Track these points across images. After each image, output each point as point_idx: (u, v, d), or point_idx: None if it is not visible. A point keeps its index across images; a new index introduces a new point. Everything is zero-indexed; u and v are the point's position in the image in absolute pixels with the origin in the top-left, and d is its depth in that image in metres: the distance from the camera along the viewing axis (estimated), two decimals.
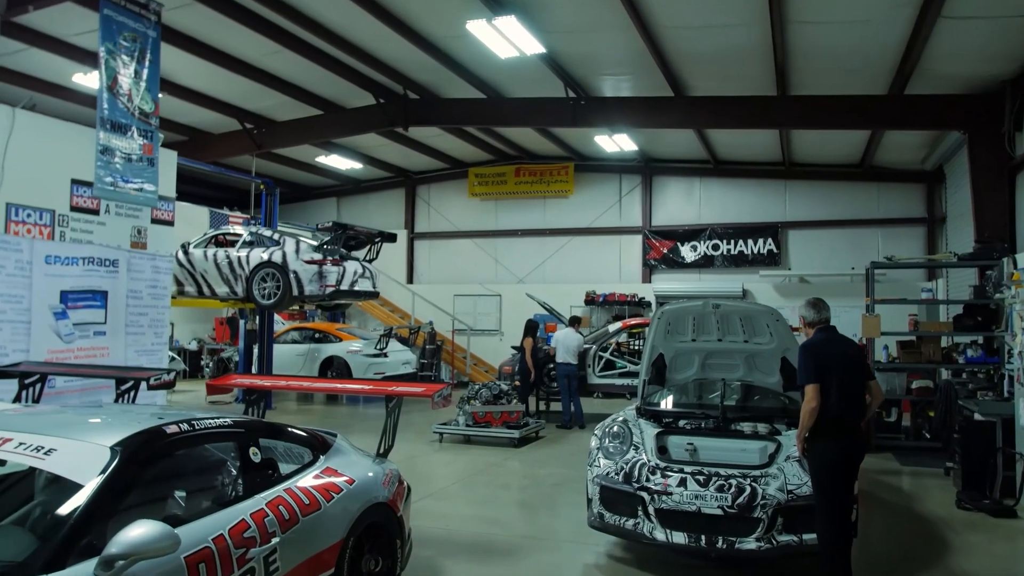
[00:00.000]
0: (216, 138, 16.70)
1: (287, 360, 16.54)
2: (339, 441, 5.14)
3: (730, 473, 5.54)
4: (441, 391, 5.41)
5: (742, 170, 19.21)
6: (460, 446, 11.24)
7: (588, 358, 13.44)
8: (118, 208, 10.81)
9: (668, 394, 7.01)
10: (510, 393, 11.78)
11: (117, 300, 10.48)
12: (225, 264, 12.70)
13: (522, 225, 21.21)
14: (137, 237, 11.29)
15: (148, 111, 8.72)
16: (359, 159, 19.60)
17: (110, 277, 10.53)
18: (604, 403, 16.73)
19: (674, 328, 6.61)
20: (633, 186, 20.24)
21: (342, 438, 5.33)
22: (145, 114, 8.70)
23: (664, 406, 6.86)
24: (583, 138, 17.85)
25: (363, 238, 13.22)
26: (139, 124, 8.62)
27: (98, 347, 10.80)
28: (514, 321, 19.91)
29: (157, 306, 11.47)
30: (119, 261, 10.48)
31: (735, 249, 19.14)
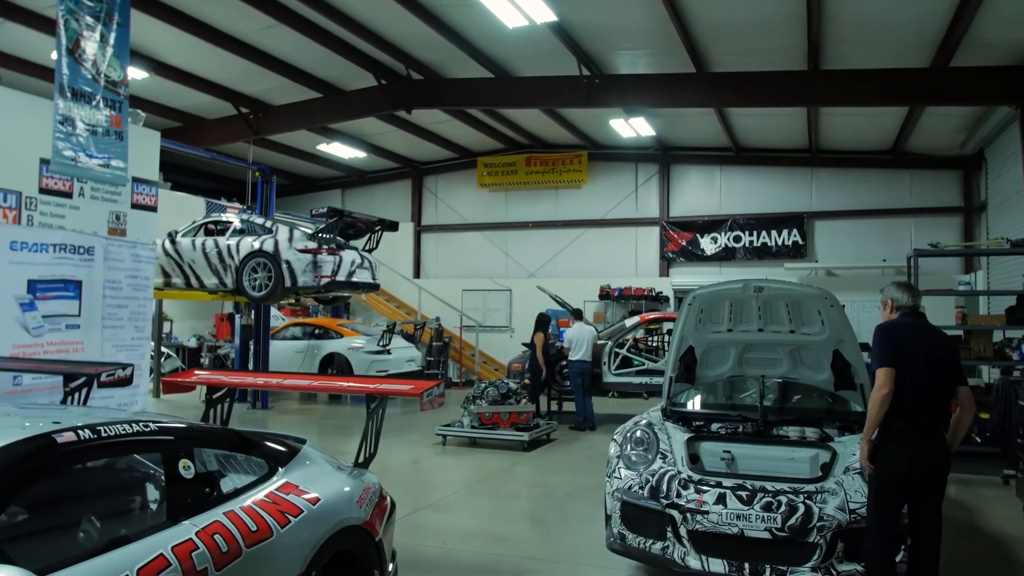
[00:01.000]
0: (211, 124, 15.89)
1: (285, 357, 15.70)
2: (307, 449, 4.25)
3: (779, 488, 4.62)
4: (431, 390, 4.51)
5: (766, 157, 18.21)
6: (465, 449, 10.36)
7: (603, 355, 12.51)
8: (94, 191, 9.98)
9: (698, 393, 6.09)
10: (519, 392, 10.88)
11: (93, 291, 9.67)
12: (214, 254, 11.86)
13: (533, 217, 20.30)
14: (115, 223, 10.45)
15: (116, 79, 7.87)
16: (363, 147, 18.74)
17: (85, 266, 9.70)
18: (619, 403, 15.80)
19: (707, 316, 5.67)
20: (650, 175, 19.28)
21: (312, 446, 4.44)
22: (113, 83, 7.85)
23: (693, 407, 5.95)
24: (597, 124, 16.91)
25: (362, 226, 12.34)
26: (106, 93, 7.77)
27: (71, 341, 9.97)
28: (525, 317, 18.97)
29: (138, 298, 10.62)
30: (95, 249, 9.66)
31: (758, 241, 18.14)
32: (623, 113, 15.13)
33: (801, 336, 5.54)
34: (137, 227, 10.71)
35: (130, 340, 10.59)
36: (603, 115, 15.75)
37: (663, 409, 5.92)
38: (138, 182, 10.63)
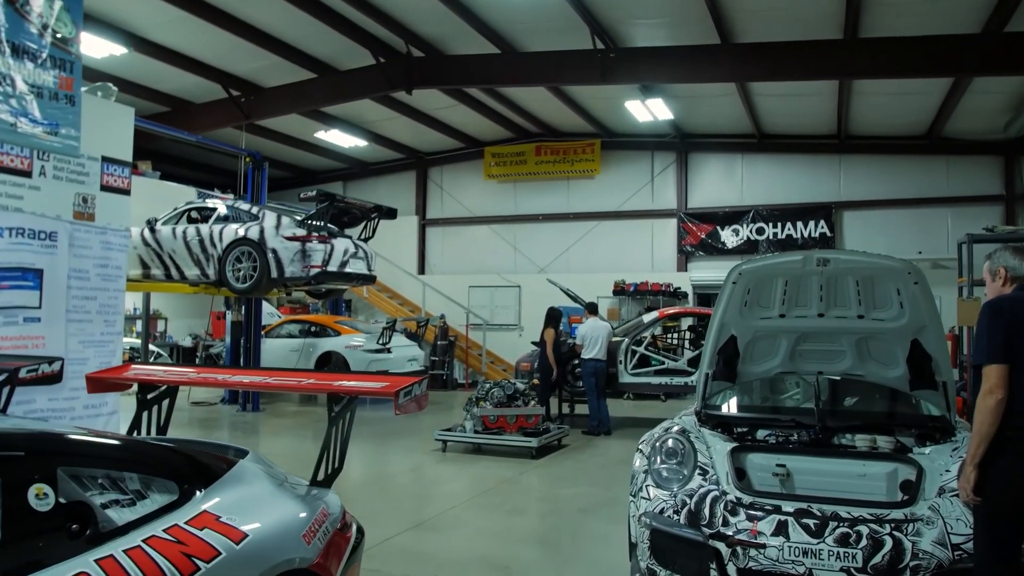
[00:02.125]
0: (199, 108, 14.96)
1: (280, 356, 14.80)
2: (244, 465, 3.25)
3: (857, 515, 3.59)
4: (409, 388, 3.49)
5: (790, 144, 17.13)
6: (467, 456, 9.35)
7: (619, 353, 11.48)
8: (57, 170, 9.01)
9: (741, 393, 5.05)
10: (527, 393, 9.87)
11: (56, 280, 8.71)
12: (195, 242, 10.91)
13: (543, 209, 19.28)
14: (82, 206, 9.46)
15: (67, 35, 6.90)
16: (363, 135, 17.78)
17: (46, 253, 8.75)
18: (636, 405, 14.77)
19: (754, 298, 4.61)
20: (667, 164, 18.22)
21: (255, 458, 3.45)
22: (63, 40, 6.88)
23: (734, 410, 4.91)
24: (612, 107, 15.88)
25: (357, 213, 11.35)
26: (54, 51, 6.81)
27: (30, 336, 9.01)
28: (535, 314, 17.94)
29: (108, 289, 9.63)
30: (58, 234, 8.70)
31: (782, 233, 17.05)
32: (639, 94, 14.09)
33: (872, 322, 4.48)
34: (108, 211, 9.71)
35: (99, 335, 9.62)
36: (618, 97, 14.72)
37: (697, 412, 4.88)
38: (109, 162, 9.64)
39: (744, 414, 4.86)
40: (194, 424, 12.04)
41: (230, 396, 14.04)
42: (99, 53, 12.07)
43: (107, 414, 9.77)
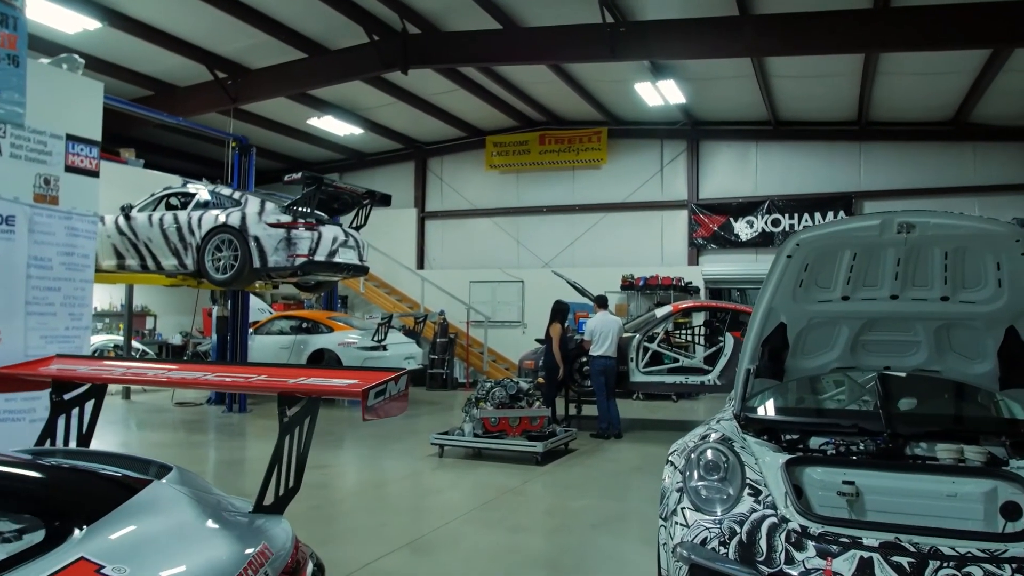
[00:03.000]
0: (184, 92, 14.15)
1: (270, 353, 14.02)
2: (158, 488, 2.43)
3: (965, 551, 2.76)
4: (381, 385, 2.67)
5: (808, 131, 16.28)
6: (466, 462, 8.52)
7: (630, 350, 10.65)
8: (15, 148, 8.28)
9: (788, 393, 4.23)
10: (532, 393, 9.04)
11: (13, 270, 7.94)
12: (173, 230, 10.12)
13: (548, 201, 18.45)
14: (43, 188, 8.65)
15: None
16: (359, 123, 16.96)
17: (2, 238, 8.04)
18: (646, 406, 13.96)
19: (813, 276, 3.75)
20: (677, 153, 17.38)
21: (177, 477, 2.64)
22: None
23: (778, 413, 4.09)
24: (621, 92, 15.04)
25: (347, 198, 10.55)
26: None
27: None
28: (538, 311, 17.12)
29: (74, 280, 8.81)
30: (16, 218, 7.89)
31: (799, 224, 16.19)
32: (650, 74, 13.27)
33: (959, 305, 3.64)
34: (73, 194, 8.89)
35: (63, 330, 8.80)
36: (627, 79, 13.89)
37: (737, 416, 4.06)
38: (75, 141, 8.85)
39: (795, 418, 4.03)
40: (171, 427, 11.24)
41: (216, 396, 13.23)
42: (71, 28, 11.27)
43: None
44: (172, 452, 9.10)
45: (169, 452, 9.05)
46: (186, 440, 10.03)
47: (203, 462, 8.60)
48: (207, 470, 8.09)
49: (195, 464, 8.09)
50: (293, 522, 2.77)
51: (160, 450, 9.02)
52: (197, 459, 8.74)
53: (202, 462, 8.59)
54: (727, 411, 4.27)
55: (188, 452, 9.19)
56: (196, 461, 8.64)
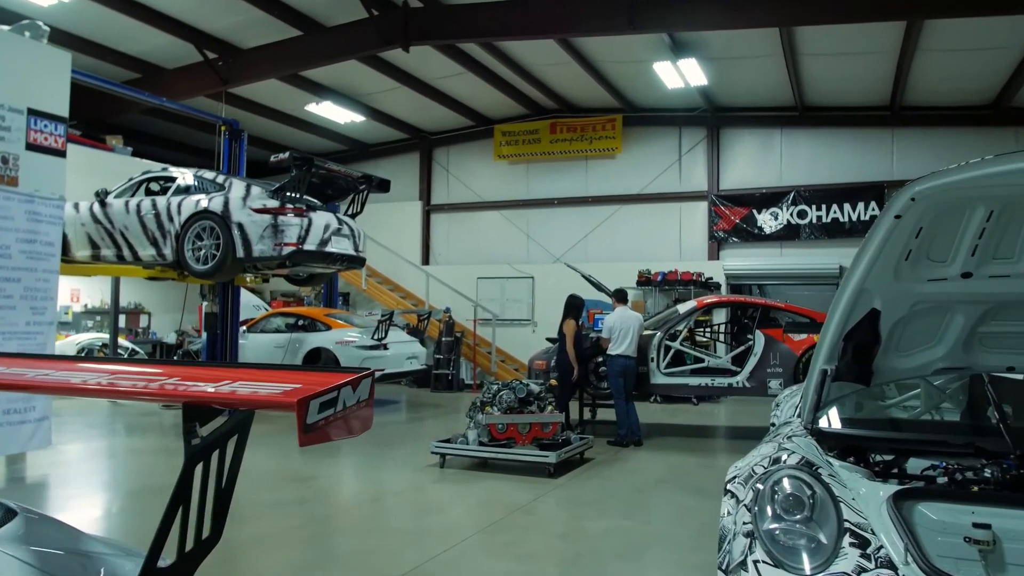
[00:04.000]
0: (172, 74, 13.33)
1: (264, 353, 13.16)
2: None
3: None
4: (325, 394, 1.75)
5: (836, 117, 15.32)
6: (470, 474, 7.62)
7: (650, 349, 9.73)
8: None
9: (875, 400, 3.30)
10: (543, 397, 8.12)
11: None
12: (151, 217, 9.25)
13: (559, 193, 17.54)
14: (2, 168, 7.91)
15: None
16: (360, 110, 16.10)
17: None
18: (664, 409, 13.03)
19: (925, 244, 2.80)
20: (696, 141, 16.43)
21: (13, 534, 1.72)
22: None
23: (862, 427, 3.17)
24: (638, 74, 14.12)
25: (342, 183, 9.67)
26: None
27: None
28: (549, 308, 16.21)
29: (36, 270, 8.06)
30: None
31: (827, 216, 15.22)
32: (669, 52, 12.34)
33: None
34: (35, 175, 8.09)
35: (24, 325, 8.02)
36: (645, 58, 12.97)
37: (810, 429, 3.13)
38: (38, 116, 8.08)
39: (888, 433, 3.10)
40: (151, 432, 10.38)
41: None
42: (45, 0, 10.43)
43: (34, 420, 8.16)
44: (138, 460, 8.25)
45: (136, 460, 8.20)
46: (168, 447, 9.16)
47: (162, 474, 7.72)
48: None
49: (154, 476, 7.25)
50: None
51: (130, 456, 8.19)
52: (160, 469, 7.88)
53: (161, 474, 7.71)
54: (794, 423, 3.35)
55: (153, 461, 8.33)
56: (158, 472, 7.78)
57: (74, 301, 16.66)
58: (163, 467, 7.92)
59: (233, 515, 1.88)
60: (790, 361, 9.36)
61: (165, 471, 7.52)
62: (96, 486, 7.34)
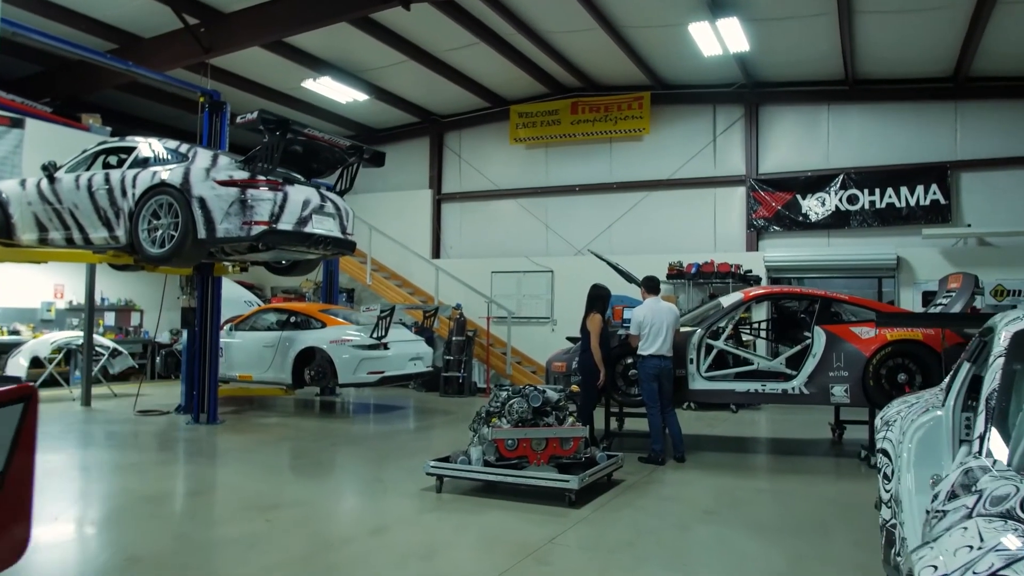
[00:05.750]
0: (151, 43, 12.04)
1: (251, 353, 11.87)
2: None
3: None
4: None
5: (891, 90, 13.70)
6: (471, 501, 6.18)
7: (688, 348, 8.24)
8: None
9: None
10: (563, 406, 6.67)
11: None
12: (103, 193, 7.92)
13: (581, 179, 16.06)
14: None
15: None
16: (363, 87, 14.73)
17: None
18: (699, 417, 11.53)
19: None
20: (733, 120, 14.88)
21: None
22: None
23: None
24: (670, 40, 12.62)
25: (327, 154, 8.26)
26: None
27: None
28: (570, 305, 14.81)
29: None
30: None
31: (882, 201, 13.61)
32: (707, 11, 10.84)
33: None
34: None
35: None
36: (680, 20, 11.49)
37: None
38: None
39: None
40: (119, 441, 9.05)
41: (185, 404, 11.04)
42: None
43: None
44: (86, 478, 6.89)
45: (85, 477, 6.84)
46: (121, 462, 7.81)
47: (114, 497, 6.36)
48: (116, 508, 5.86)
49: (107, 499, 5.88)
50: None
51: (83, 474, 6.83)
52: (110, 491, 6.52)
53: (112, 497, 6.35)
54: (969, 460, 1.88)
55: (108, 479, 6.97)
56: (109, 494, 6.42)
57: (58, 297, 15.42)
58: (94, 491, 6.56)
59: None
60: (858, 363, 7.83)
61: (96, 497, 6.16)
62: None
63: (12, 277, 13.92)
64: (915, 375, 7.80)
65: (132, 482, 6.88)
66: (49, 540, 4.86)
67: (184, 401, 11.10)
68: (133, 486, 6.75)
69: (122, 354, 13.73)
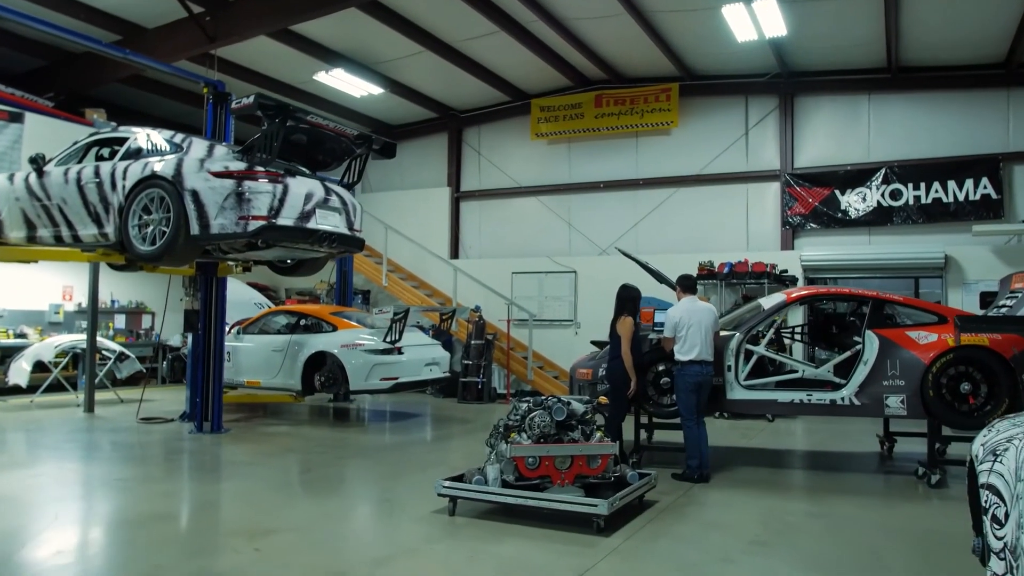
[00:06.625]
0: (154, 34, 11.52)
1: (259, 358, 11.31)
2: None
3: None
4: None
5: (938, 78, 12.85)
6: (487, 526, 5.51)
7: (727, 355, 7.51)
8: None
9: None
10: (589, 419, 5.98)
11: None
12: (92, 187, 7.36)
13: (605, 175, 15.35)
14: None
15: None
16: (378, 80, 14.14)
17: None
18: (732, 426, 10.77)
19: None
20: (766, 112, 14.09)
21: None
22: None
23: None
24: (700, 25, 11.90)
25: (334, 144, 7.63)
26: None
27: None
28: (594, 306, 14.18)
29: None
30: None
31: (927, 196, 12.76)
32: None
33: None
34: None
35: None
36: (712, 4, 10.74)
37: None
38: None
39: None
40: (117, 451, 8.48)
41: (188, 411, 10.49)
42: None
43: None
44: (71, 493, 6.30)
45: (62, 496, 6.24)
46: (108, 477, 7.23)
47: (90, 520, 5.76)
48: (89, 533, 5.25)
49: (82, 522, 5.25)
50: None
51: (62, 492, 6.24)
52: (87, 513, 5.92)
53: (88, 520, 5.75)
54: None
55: (89, 498, 6.39)
56: (85, 516, 5.81)
57: (66, 299, 14.99)
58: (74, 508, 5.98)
59: None
60: (915, 371, 7.05)
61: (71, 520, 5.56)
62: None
63: (19, 279, 13.48)
64: (980, 385, 7.03)
65: (114, 502, 6.29)
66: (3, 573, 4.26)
67: (187, 409, 10.56)
68: (114, 507, 6.16)
69: (129, 358, 13.23)
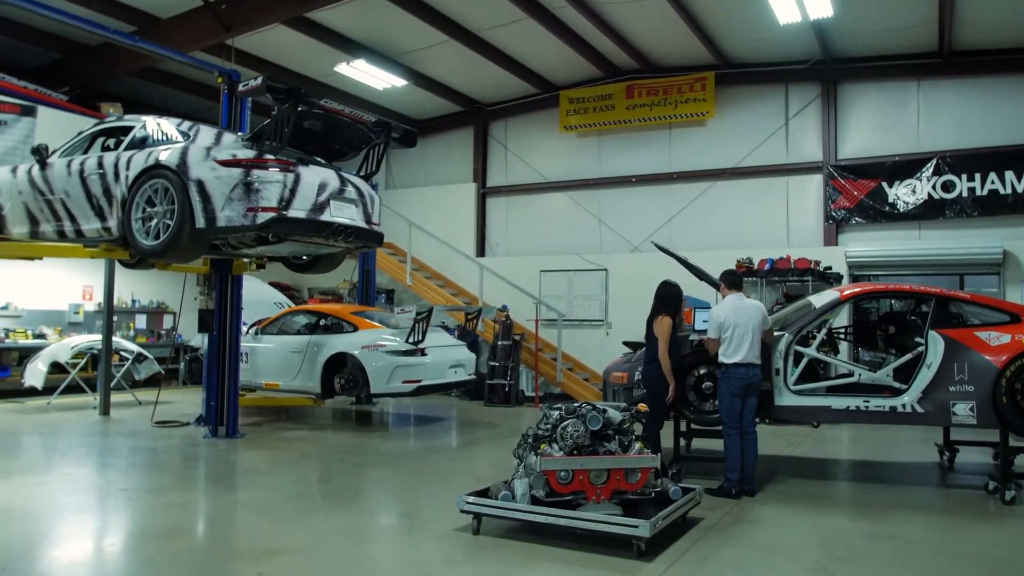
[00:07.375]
0: (169, 24, 11.15)
1: (278, 359, 10.89)
2: None
3: None
4: None
5: (992, 62, 12.08)
6: (514, 547, 4.97)
7: (775, 357, 6.90)
8: None
9: None
10: (627, 429, 5.42)
11: None
12: (95, 178, 6.94)
13: (637, 169, 14.74)
14: None
15: None
16: (401, 72, 13.67)
17: None
18: (775, 434, 10.13)
19: None
20: (808, 100, 13.38)
21: None
22: None
23: None
24: (739, 9, 11.26)
25: (350, 132, 7.14)
26: None
27: None
28: (626, 306, 13.62)
29: None
30: None
31: (983, 188, 11.99)
32: None
33: None
34: None
35: None
36: None
37: None
38: None
39: None
40: (128, 456, 8.08)
41: (204, 415, 10.09)
42: None
43: None
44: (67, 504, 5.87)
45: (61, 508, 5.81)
46: (111, 487, 6.81)
47: (83, 535, 5.32)
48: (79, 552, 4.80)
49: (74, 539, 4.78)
50: None
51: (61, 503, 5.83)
52: (81, 528, 5.48)
53: (81, 535, 5.31)
54: None
55: (86, 511, 5.96)
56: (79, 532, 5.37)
57: (87, 299, 14.74)
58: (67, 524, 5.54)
59: None
60: (986, 376, 6.38)
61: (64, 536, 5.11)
62: None
63: (39, 278, 13.23)
64: None
65: (113, 515, 5.85)
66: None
67: (203, 412, 10.16)
68: (112, 521, 5.72)
69: (148, 359, 12.90)
